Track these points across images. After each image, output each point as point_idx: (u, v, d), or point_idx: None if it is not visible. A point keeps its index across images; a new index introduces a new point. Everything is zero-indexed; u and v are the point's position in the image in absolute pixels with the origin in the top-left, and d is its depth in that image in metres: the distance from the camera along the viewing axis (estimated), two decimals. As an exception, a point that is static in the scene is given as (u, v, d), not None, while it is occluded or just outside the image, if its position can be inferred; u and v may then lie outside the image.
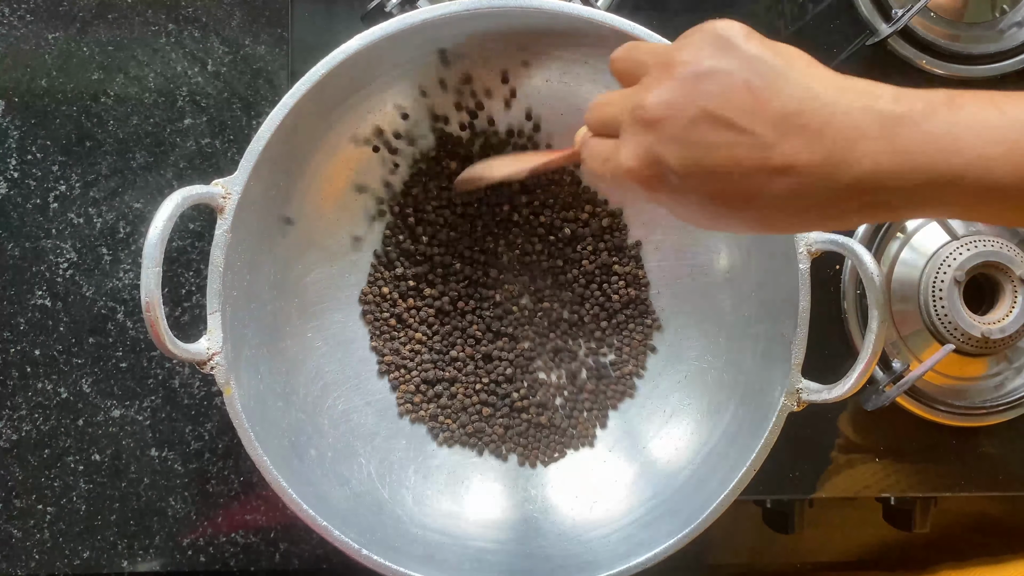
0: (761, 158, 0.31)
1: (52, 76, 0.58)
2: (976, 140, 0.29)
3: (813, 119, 0.30)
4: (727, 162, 0.32)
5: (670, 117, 0.32)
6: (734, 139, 0.31)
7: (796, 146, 0.30)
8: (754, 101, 0.31)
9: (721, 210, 0.33)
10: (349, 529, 0.45)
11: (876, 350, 0.44)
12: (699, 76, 0.32)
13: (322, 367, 0.53)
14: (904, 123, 0.30)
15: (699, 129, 0.32)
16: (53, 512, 0.57)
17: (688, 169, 0.32)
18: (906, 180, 0.30)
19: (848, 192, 0.31)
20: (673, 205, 0.35)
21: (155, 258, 0.39)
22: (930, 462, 0.62)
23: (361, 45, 0.44)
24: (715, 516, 0.47)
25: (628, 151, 0.34)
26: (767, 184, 0.31)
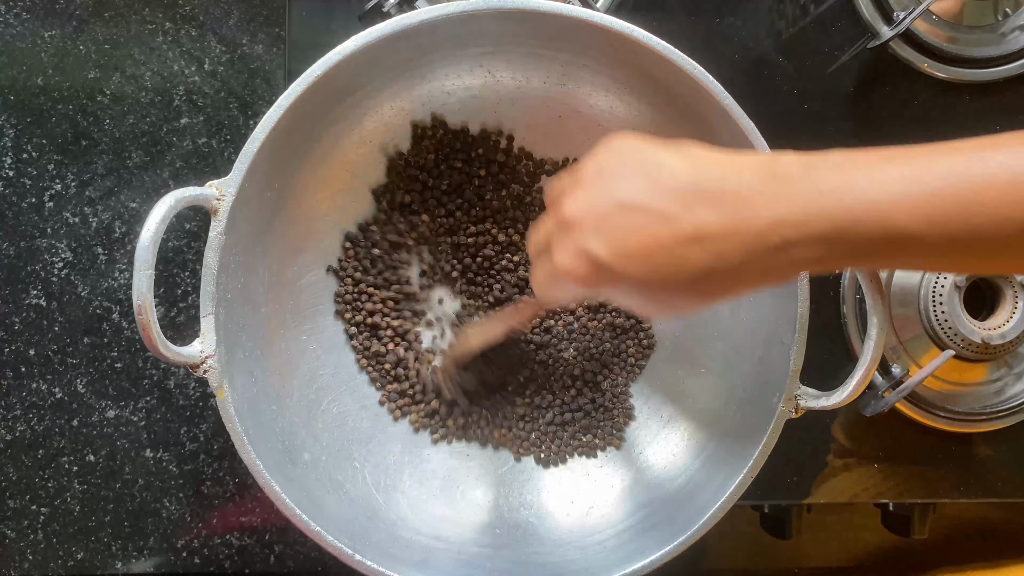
0: (672, 231, 0.34)
1: (48, 74, 0.58)
2: (868, 188, 0.31)
3: (710, 188, 0.34)
4: (645, 240, 0.34)
5: (587, 214, 0.36)
6: (645, 220, 0.34)
7: (700, 213, 0.33)
8: (654, 184, 0.35)
9: (657, 290, 0.36)
10: (343, 534, 0.44)
11: (875, 357, 0.43)
12: (603, 175, 0.37)
13: (316, 370, 0.53)
14: (796, 179, 0.33)
15: (614, 218, 0.35)
16: (47, 513, 0.57)
17: (613, 255, 0.35)
18: (808, 229, 0.32)
19: (759, 245, 0.33)
20: (617, 295, 0.38)
21: (147, 261, 0.39)
22: (929, 468, 0.61)
23: (358, 46, 0.44)
24: (711, 523, 0.46)
25: (560, 255, 0.38)
26: (687, 254, 0.34)
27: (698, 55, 0.46)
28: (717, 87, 0.46)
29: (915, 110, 0.61)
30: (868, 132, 0.61)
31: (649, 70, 0.48)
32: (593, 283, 0.37)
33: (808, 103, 0.60)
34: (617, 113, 0.53)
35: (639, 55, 0.46)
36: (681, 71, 0.46)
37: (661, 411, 0.56)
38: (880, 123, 0.61)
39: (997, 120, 0.62)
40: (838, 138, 0.60)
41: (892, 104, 0.61)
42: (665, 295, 0.36)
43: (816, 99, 0.60)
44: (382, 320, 0.55)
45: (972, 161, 0.31)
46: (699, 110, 0.48)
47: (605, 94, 0.52)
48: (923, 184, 0.31)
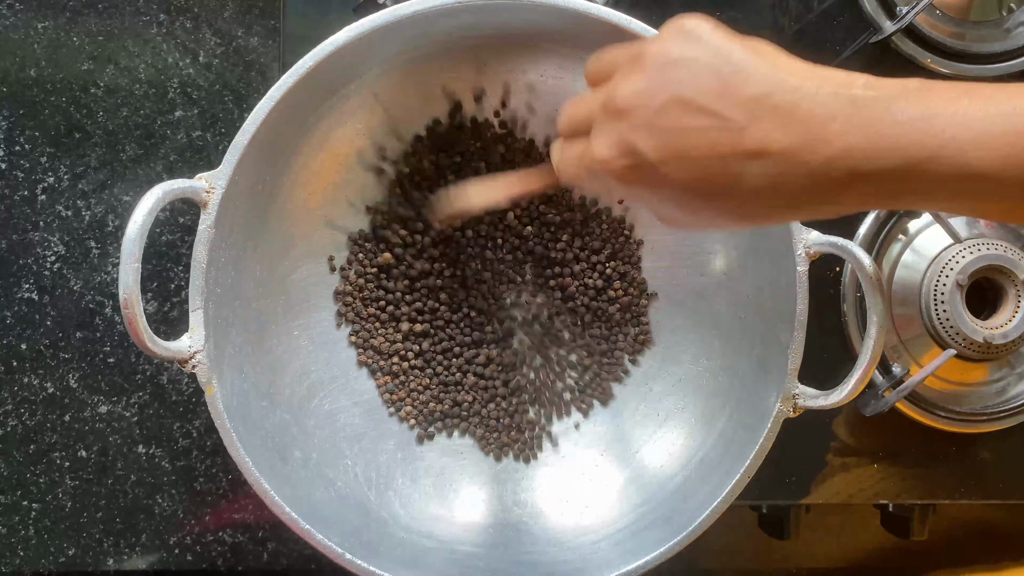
0: (733, 142, 0.31)
1: (41, 66, 0.57)
2: (946, 123, 0.29)
3: (783, 102, 0.31)
4: (700, 146, 0.32)
5: (641, 105, 0.33)
6: (705, 123, 0.32)
7: (767, 128, 0.31)
8: (723, 86, 0.32)
9: (699, 201, 0.33)
10: (333, 532, 0.44)
11: (875, 356, 0.43)
12: (667, 65, 0.33)
13: (308, 366, 0.52)
14: (875, 106, 0.30)
15: (670, 115, 0.32)
16: (38, 508, 0.57)
17: (662, 155, 0.32)
18: (880, 162, 0.30)
19: (823, 175, 0.31)
20: (650, 198, 0.35)
21: (134, 254, 0.38)
22: (929, 468, 0.61)
23: (350, 37, 0.43)
24: (708, 524, 0.46)
25: (600, 142, 0.34)
26: (742, 168, 0.31)
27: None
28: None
29: (918, 106, 0.60)
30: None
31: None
32: (630, 180, 0.34)
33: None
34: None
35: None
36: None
37: (657, 410, 0.56)
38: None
39: (1001, 117, 0.61)
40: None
41: (895, 100, 0.60)
42: (704, 208, 0.33)
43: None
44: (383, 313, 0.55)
45: None
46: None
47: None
48: (1006, 123, 0.29)
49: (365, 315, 0.55)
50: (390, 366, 0.55)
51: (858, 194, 0.31)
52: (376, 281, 0.55)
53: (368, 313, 0.55)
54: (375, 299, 0.55)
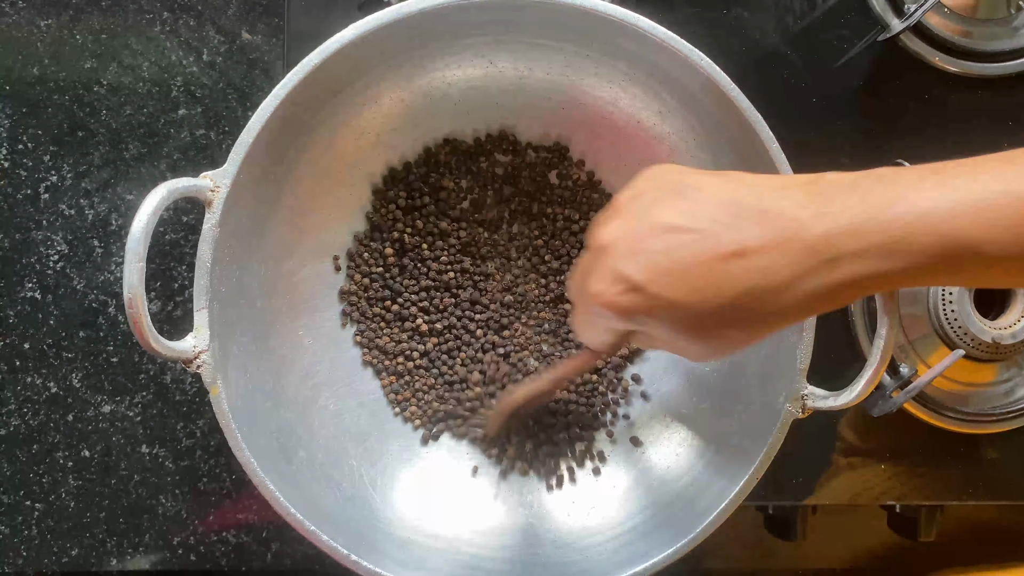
0: (713, 246, 0.33)
1: (44, 64, 0.57)
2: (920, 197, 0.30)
3: (753, 205, 0.33)
4: (683, 258, 0.33)
5: (623, 237, 0.35)
6: (684, 239, 0.33)
7: (743, 230, 0.32)
8: (692, 204, 0.34)
9: (703, 319, 0.34)
10: (338, 533, 0.44)
11: (885, 357, 0.42)
12: (637, 200, 0.36)
13: (313, 366, 0.52)
14: (844, 192, 0.31)
15: (649, 240, 0.34)
16: (41, 509, 0.57)
17: (648, 275, 0.34)
18: (864, 240, 0.31)
19: (812, 261, 0.31)
20: (654, 328, 0.36)
21: (138, 253, 0.38)
22: (937, 469, 0.60)
23: (356, 34, 0.43)
24: (715, 526, 0.45)
25: (593, 281, 0.36)
26: (729, 270, 0.32)
27: (703, 47, 0.45)
28: (723, 78, 0.45)
29: (926, 104, 0.60)
30: (877, 127, 0.59)
31: (654, 61, 0.47)
32: (629, 309, 0.35)
33: (816, 97, 0.59)
34: (621, 105, 0.52)
35: (644, 46, 0.45)
36: (687, 62, 0.45)
37: (664, 411, 0.55)
38: (890, 117, 0.60)
39: (1009, 115, 0.60)
40: (846, 133, 0.59)
41: (902, 98, 0.60)
42: (707, 324, 0.34)
43: (824, 93, 0.59)
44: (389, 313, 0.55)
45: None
46: (705, 102, 0.47)
47: (609, 85, 0.51)
48: (978, 195, 0.30)
49: (370, 314, 0.55)
50: (395, 366, 0.55)
51: (851, 278, 0.31)
52: (381, 280, 0.54)
53: (373, 312, 0.55)
54: (380, 299, 0.54)
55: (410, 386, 0.55)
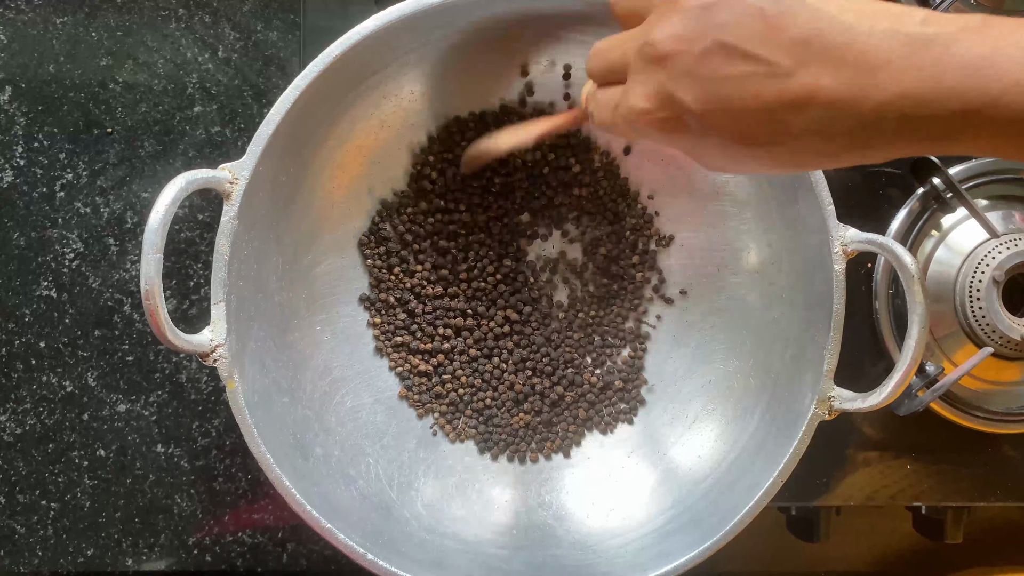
0: (779, 89, 0.29)
1: (60, 62, 0.57)
2: (1012, 65, 0.27)
3: (833, 44, 0.29)
4: (744, 95, 0.30)
5: (681, 51, 0.31)
6: (750, 70, 0.30)
7: (815, 73, 0.29)
8: (768, 28, 0.29)
9: (743, 149, 0.31)
10: (354, 532, 0.43)
11: (916, 357, 0.41)
12: (708, 6, 0.30)
13: (331, 362, 0.52)
14: (933, 46, 0.28)
15: (712, 62, 0.30)
16: (57, 508, 0.56)
17: (704, 106, 0.31)
18: (937, 107, 0.28)
19: (874, 122, 0.29)
20: (692, 148, 0.33)
21: (156, 244, 0.38)
22: (964, 469, 0.59)
23: (377, 26, 0.42)
24: (739, 528, 0.45)
25: (638, 92, 0.32)
26: (789, 118, 0.30)
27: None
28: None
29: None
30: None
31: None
32: (671, 131, 0.32)
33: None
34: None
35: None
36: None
37: (686, 411, 0.54)
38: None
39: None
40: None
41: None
42: (748, 156, 0.32)
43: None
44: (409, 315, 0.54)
45: None
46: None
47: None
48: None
49: (393, 314, 0.54)
50: (416, 367, 0.54)
51: (908, 141, 0.29)
52: (404, 269, 0.54)
53: (395, 310, 0.54)
54: (403, 301, 0.54)
55: (430, 390, 0.54)
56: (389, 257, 0.54)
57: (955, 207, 0.58)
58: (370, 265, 0.54)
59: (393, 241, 0.54)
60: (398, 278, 0.54)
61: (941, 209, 0.58)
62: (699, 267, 0.55)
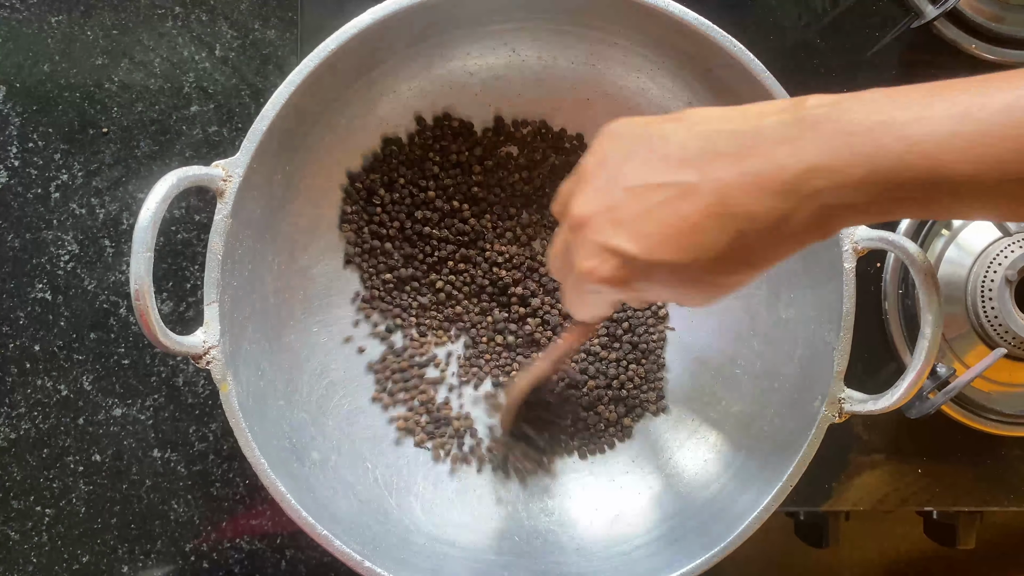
0: (695, 200, 0.31)
1: (55, 61, 0.56)
2: (909, 127, 0.28)
3: (725, 145, 0.31)
4: (668, 218, 0.31)
5: (599, 208, 0.33)
6: (662, 196, 0.31)
7: (719, 173, 0.30)
8: (661, 157, 0.32)
9: (696, 272, 0.32)
10: (352, 539, 0.43)
11: (929, 358, 0.40)
12: (604, 165, 0.34)
13: (327, 365, 0.51)
14: (826, 120, 0.29)
15: (628, 205, 0.32)
16: (52, 514, 0.56)
17: (638, 243, 0.32)
18: (846, 175, 0.29)
19: (794, 198, 0.29)
20: (651, 289, 0.35)
21: (146, 242, 0.37)
22: (976, 473, 0.59)
23: (373, 20, 0.42)
24: (747, 535, 0.44)
25: (580, 255, 0.34)
26: (716, 225, 0.31)
27: (733, 36, 0.44)
28: (756, 63, 0.43)
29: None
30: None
31: (684, 48, 0.45)
32: (623, 281, 0.33)
33: (848, 86, 0.56)
34: (649, 95, 0.51)
35: (673, 31, 0.44)
36: (718, 47, 0.43)
37: (692, 414, 0.54)
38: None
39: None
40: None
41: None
42: (704, 275, 0.32)
43: (856, 82, 0.57)
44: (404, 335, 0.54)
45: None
46: (736, 89, 0.45)
47: (637, 75, 0.50)
48: (976, 122, 0.27)
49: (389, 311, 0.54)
50: None
51: (835, 212, 0.30)
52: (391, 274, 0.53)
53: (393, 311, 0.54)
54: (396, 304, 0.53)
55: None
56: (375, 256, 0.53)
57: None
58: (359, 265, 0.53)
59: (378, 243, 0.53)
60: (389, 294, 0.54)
61: (952, 207, 0.57)
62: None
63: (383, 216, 0.52)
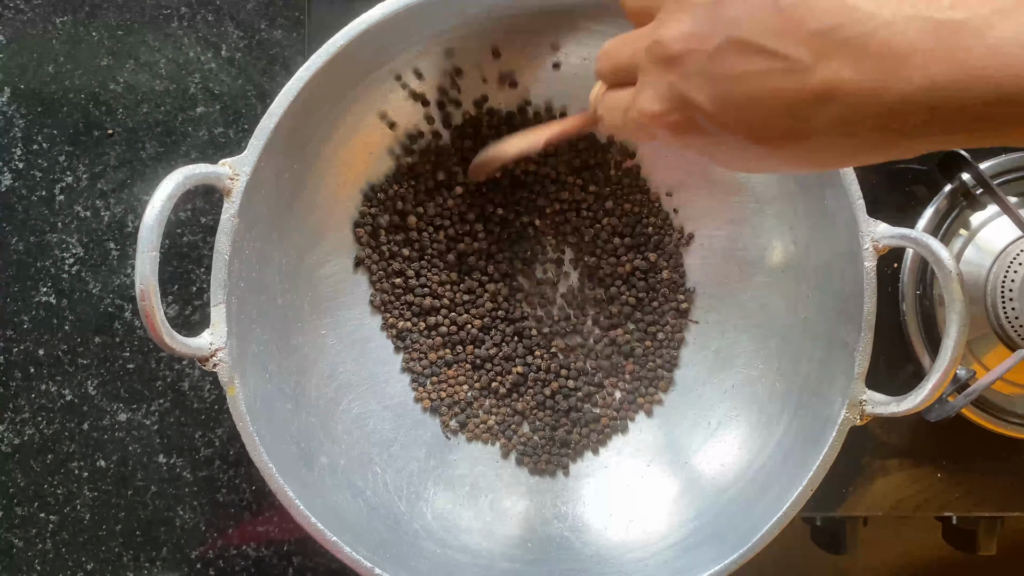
0: (798, 85, 0.27)
1: (59, 62, 0.56)
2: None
3: (854, 35, 0.27)
4: (761, 93, 0.28)
5: (693, 50, 0.29)
6: (766, 66, 0.28)
7: (837, 67, 0.27)
8: (784, 21, 0.27)
9: (763, 150, 0.30)
10: (361, 545, 0.42)
11: (955, 358, 0.39)
12: (719, 1, 0.29)
13: (336, 367, 0.50)
14: (963, 31, 0.26)
15: (726, 60, 0.28)
16: (56, 521, 0.55)
17: (719, 107, 0.29)
18: (968, 98, 0.26)
19: (901, 115, 0.27)
20: (708, 148, 0.32)
21: (151, 242, 0.36)
22: (996, 477, 0.58)
23: (383, 15, 0.41)
24: (766, 541, 0.43)
25: (649, 95, 0.31)
26: (809, 114, 0.28)
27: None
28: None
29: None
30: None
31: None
32: (684, 133, 0.31)
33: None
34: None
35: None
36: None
37: (708, 417, 0.53)
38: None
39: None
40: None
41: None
42: (767, 156, 0.30)
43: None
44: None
45: None
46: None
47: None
48: None
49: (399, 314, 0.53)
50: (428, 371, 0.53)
51: (938, 134, 0.27)
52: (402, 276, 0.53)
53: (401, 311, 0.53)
54: (408, 303, 0.53)
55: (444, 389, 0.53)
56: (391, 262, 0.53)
57: (985, 204, 0.56)
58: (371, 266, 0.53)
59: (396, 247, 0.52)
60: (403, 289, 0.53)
61: (970, 206, 0.56)
62: (720, 266, 0.53)
63: (408, 234, 0.52)
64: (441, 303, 0.52)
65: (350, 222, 0.52)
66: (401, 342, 0.53)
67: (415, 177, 0.51)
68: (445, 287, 0.53)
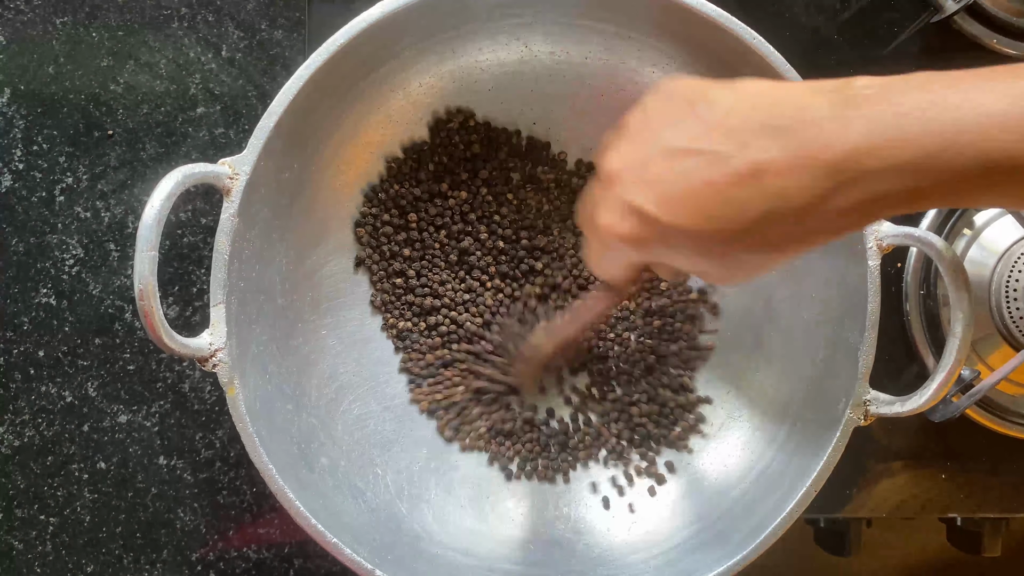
0: (726, 170, 0.30)
1: (59, 63, 0.56)
2: (962, 108, 0.27)
3: (771, 119, 0.30)
4: (695, 184, 0.31)
5: (629, 165, 0.33)
6: (694, 163, 0.31)
7: (759, 148, 0.30)
8: (703, 124, 0.31)
9: (716, 245, 0.32)
10: (362, 547, 0.42)
11: (961, 357, 0.39)
12: (646, 122, 0.33)
13: (336, 368, 0.50)
14: (875, 101, 0.28)
15: (658, 165, 0.32)
16: (56, 523, 0.55)
17: (662, 207, 0.32)
18: (894, 157, 0.28)
19: (834, 181, 0.29)
20: (670, 255, 0.34)
21: (150, 241, 0.36)
22: (1001, 479, 0.58)
23: (383, 13, 0.41)
24: (769, 543, 0.43)
25: (601, 210, 0.34)
26: (744, 195, 0.30)
27: (750, 31, 0.43)
28: (775, 55, 0.42)
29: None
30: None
31: (701, 41, 0.45)
32: (642, 240, 0.33)
33: (866, 83, 0.57)
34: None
35: (690, 24, 0.43)
36: (736, 40, 0.42)
37: (712, 418, 0.53)
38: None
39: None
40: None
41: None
42: (724, 249, 0.32)
43: (875, 79, 0.56)
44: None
45: None
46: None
47: (652, 69, 0.49)
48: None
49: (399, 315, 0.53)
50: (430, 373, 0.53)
51: (876, 197, 0.29)
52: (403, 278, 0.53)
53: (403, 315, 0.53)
54: (409, 303, 0.53)
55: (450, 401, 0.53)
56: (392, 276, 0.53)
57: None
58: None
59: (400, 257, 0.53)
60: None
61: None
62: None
63: (410, 233, 0.52)
64: (442, 302, 0.52)
65: (351, 222, 0.52)
66: (401, 342, 0.52)
67: (416, 177, 0.51)
68: (446, 287, 0.52)
